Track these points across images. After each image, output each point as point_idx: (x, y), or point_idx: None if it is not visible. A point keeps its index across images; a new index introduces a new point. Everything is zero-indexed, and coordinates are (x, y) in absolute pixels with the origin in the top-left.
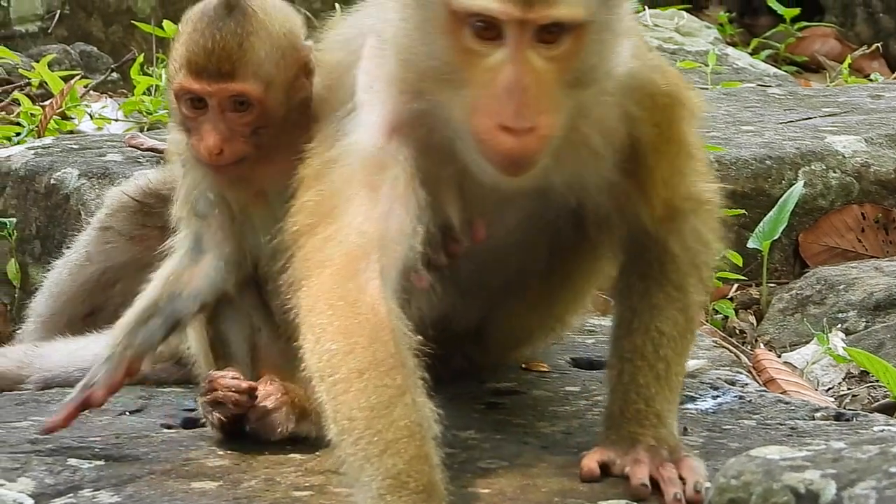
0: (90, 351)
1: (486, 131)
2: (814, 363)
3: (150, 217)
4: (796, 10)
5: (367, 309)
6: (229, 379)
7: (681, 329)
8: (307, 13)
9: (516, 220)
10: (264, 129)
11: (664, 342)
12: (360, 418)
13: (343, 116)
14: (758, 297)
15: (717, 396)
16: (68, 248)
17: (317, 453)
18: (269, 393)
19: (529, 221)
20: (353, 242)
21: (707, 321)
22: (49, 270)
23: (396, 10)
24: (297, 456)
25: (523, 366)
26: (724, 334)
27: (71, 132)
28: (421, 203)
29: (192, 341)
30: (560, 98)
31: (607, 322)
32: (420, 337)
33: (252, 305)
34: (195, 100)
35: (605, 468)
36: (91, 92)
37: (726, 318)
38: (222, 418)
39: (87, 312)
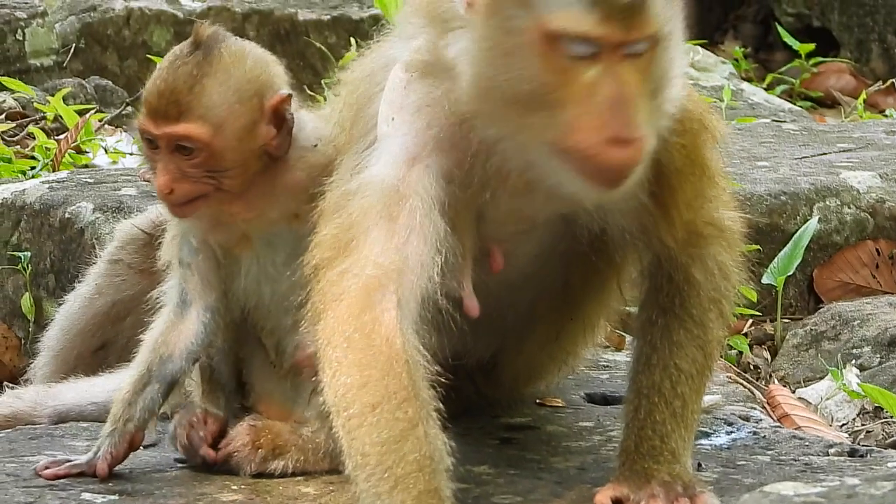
0: (103, 388)
1: (592, 146)
2: (828, 399)
3: (159, 250)
4: (811, 46)
5: (381, 341)
6: (198, 438)
7: (699, 367)
8: (322, 47)
9: (536, 249)
10: (222, 173)
11: (682, 379)
12: (371, 454)
13: (363, 149)
14: (772, 332)
15: (732, 432)
16: (81, 282)
17: (330, 488)
18: (234, 436)
19: (548, 248)
20: (369, 274)
21: (721, 356)
22: (63, 304)
23: (474, 39)
24: (311, 491)
25: (537, 401)
26: (738, 370)
27: (86, 166)
28: (440, 232)
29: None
30: (647, 108)
31: (622, 357)
32: (437, 368)
33: (237, 339)
34: (149, 140)
35: (619, 503)
36: (106, 126)
37: (741, 353)
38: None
39: (98, 346)
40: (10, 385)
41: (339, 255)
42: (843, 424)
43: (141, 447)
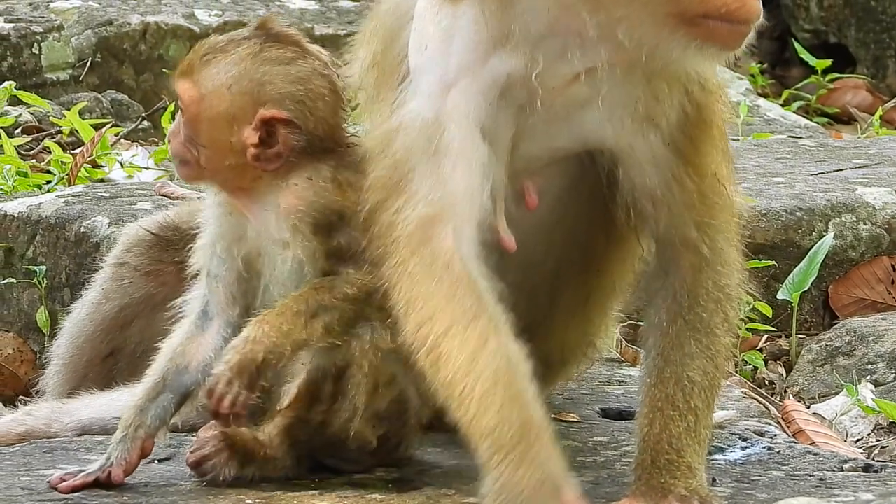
0: (121, 402)
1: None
2: (843, 414)
3: (166, 252)
4: (828, 62)
5: (440, 269)
6: None
7: (710, 379)
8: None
9: (565, 189)
10: (198, 147)
11: (695, 392)
12: (453, 382)
13: (398, 83)
14: (787, 348)
15: (746, 447)
16: (88, 289)
17: (345, 502)
18: (205, 440)
19: (576, 193)
20: (421, 213)
21: (736, 372)
22: (71, 312)
23: None
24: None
25: (552, 416)
26: (753, 385)
27: (101, 180)
28: (484, 157)
29: None
30: None
31: (636, 373)
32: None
33: None
34: None
35: None
36: (122, 140)
37: (755, 368)
38: None
39: (107, 353)
40: (25, 399)
41: (391, 197)
42: (858, 440)
43: (156, 461)
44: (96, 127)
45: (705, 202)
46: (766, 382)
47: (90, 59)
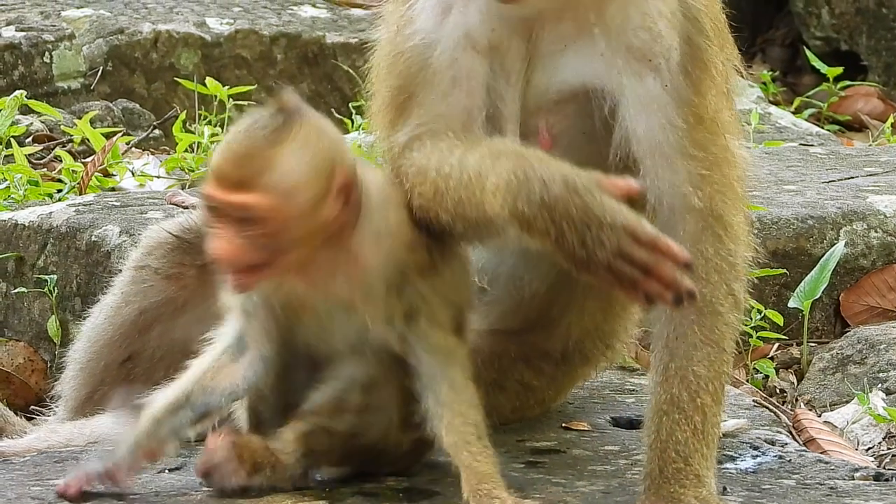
0: None
1: None
2: (854, 423)
3: (187, 255)
4: (839, 70)
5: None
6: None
7: (717, 367)
8: (350, 70)
9: (573, 134)
10: (284, 246)
11: (701, 387)
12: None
13: (404, 3)
14: (798, 356)
15: (757, 456)
16: (106, 293)
17: None
18: (214, 449)
19: (586, 142)
20: (411, 133)
21: (747, 380)
22: (89, 317)
23: None
24: None
25: (563, 425)
26: (764, 394)
27: (112, 189)
28: (481, 78)
29: None
30: None
31: (647, 381)
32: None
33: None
34: (212, 207)
35: None
36: (133, 149)
37: (767, 377)
38: None
39: (125, 358)
40: (37, 409)
41: (397, 118)
42: (869, 448)
43: (166, 470)
44: (107, 136)
45: (703, 151)
46: (778, 391)
47: (101, 67)
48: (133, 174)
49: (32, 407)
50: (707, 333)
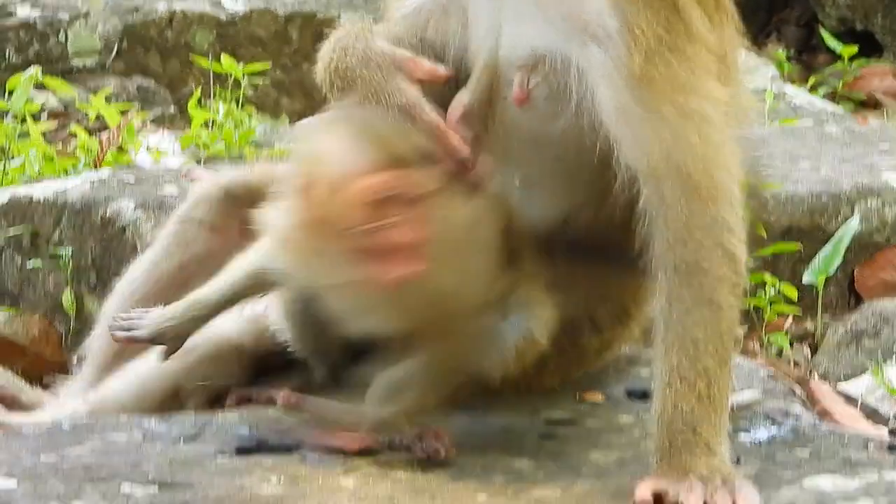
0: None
1: None
2: (868, 395)
3: (233, 207)
4: (854, 48)
5: None
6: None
7: (714, 326)
8: None
9: (549, 98)
10: None
11: (700, 350)
12: None
13: None
14: (813, 330)
15: (772, 427)
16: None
17: (370, 480)
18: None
19: (554, 97)
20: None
21: (762, 352)
22: (104, 301)
23: None
24: (351, 484)
25: (578, 396)
26: (779, 363)
27: (127, 165)
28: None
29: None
30: None
31: None
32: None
33: None
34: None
35: (658, 498)
36: (148, 125)
37: (781, 350)
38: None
39: None
40: (50, 381)
41: None
42: (884, 421)
43: (181, 440)
44: (122, 112)
45: (668, 113)
46: (792, 364)
47: (116, 45)
48: (148, 150)
49: (47, 380)
50: (696, 293)
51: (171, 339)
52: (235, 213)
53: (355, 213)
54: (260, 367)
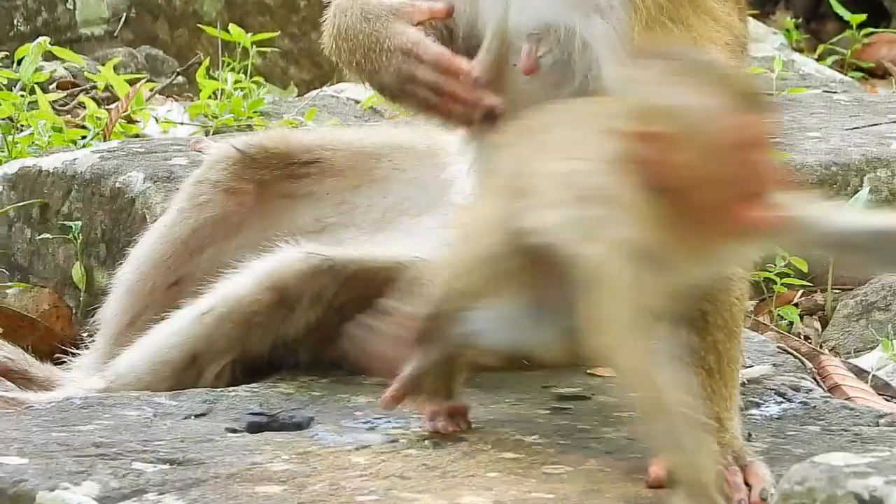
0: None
1: None
2: (879, 369)
3: (249, 169)
4: (863, 17)
5: None
6: None
7: (721, 299)
8: None
9: (550, 54)
10: None
11: (709, 323)
12: None
13: None
14: (822, 303)
15: (782, 402)
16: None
17: (381, 458)
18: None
19: (561, 67)
20: None
21: (772, 326)
22: (114, 274)
23: None
24: (362, 461)
25: (589, 371)
26: (790, 335)
27: (136, 136)
28: None
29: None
30: None
31: None
32: None
33: None
34: None
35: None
36: (157, 95)
37: (791, 323)
38: None
39: (173, 281)
40: (60, 356)
41: None
42: (894, 396)
43: (192, 416)
44: (131, 82)
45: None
46: (802, 337)
47: (125, 14)
48: (157, 120)
49: (57, 354)
50: None
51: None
52: (251, 176)
53: (727, 162)
54: (278, 332)
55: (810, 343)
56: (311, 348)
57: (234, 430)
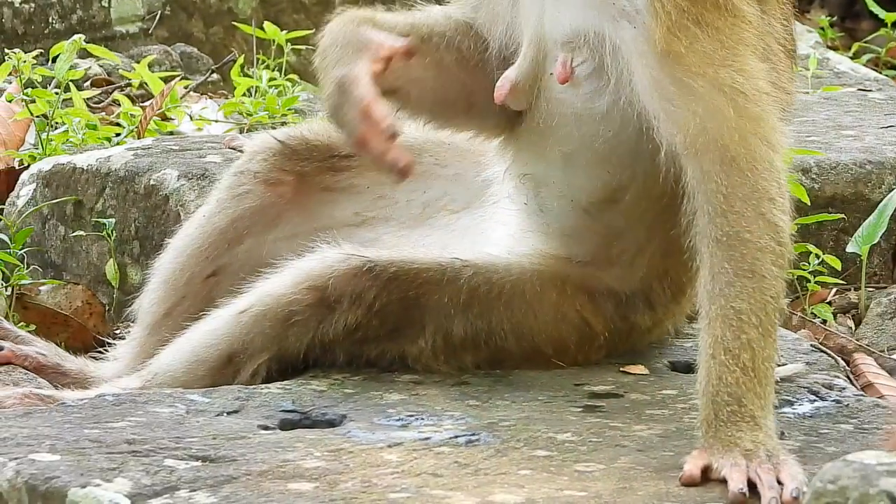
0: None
1: None
2: None
3: (290, 161)
4: None
5: None
6: None
7: (757, 298)
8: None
9: (592, 77)
10: None
11: (744, 322)
12: None
13: None
14: (856, 301)
15: (815, 401)
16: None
17: (413, 455)
18: None
19: (594, 75)
20: None
21: (805, 324)
22: (147, 271)
23: None
24: (394, 458)
25: (621, 369)
26: (825, 329)
27: (171, 133)
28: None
29: None
30: None
31: None
32: None
33: None
34: None
35: (703, 472)
36: (191, 93)
37: (825, 321)
38: None
39: (210, 272)
40: (94, 353)
41: None
42: None
43: (224, 413)
44: (166, 80)
45: (699, 88)
46: (836, 336)
47: (159, 11)
48: (191, 118)
49: (91, 352)
50: (738, 264)
51: None
52: (291, 168)
53: None
54: (316, 332)
55: (844, 341)
56: (348, 349)
57: (266, 428)
